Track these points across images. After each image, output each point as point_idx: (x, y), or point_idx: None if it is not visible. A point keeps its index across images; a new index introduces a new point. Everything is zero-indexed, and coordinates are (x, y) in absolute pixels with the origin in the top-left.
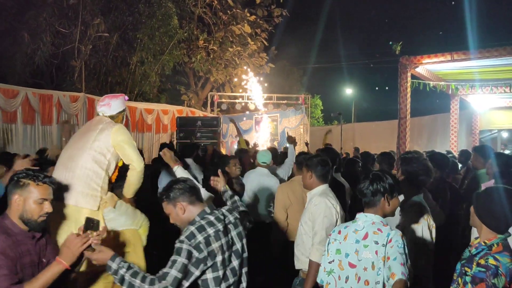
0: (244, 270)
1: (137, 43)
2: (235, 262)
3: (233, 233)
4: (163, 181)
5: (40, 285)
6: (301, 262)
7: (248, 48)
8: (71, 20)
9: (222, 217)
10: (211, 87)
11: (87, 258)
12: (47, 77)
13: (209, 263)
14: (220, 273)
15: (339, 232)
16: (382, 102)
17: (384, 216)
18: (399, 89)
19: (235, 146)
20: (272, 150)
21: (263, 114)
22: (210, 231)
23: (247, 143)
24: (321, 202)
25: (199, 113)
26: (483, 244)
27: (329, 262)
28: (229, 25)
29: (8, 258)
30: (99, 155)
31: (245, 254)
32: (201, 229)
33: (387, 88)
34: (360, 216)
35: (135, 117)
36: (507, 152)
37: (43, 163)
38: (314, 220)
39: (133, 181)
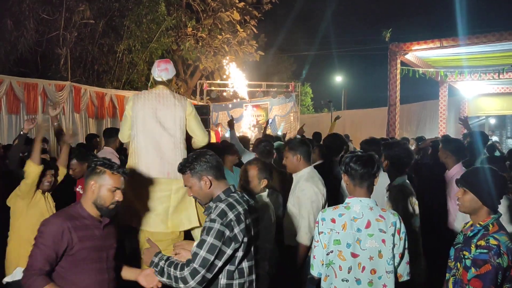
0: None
1: (124, 31)
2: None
3: (252, 216)
4: None
5: None
6: (288, 239)
7: (237, 35)
8: (55, 7)
9: (244, 198)
10: (200, 75)
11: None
12: (32, 66)
13: (239, 241)
14: (244, 252)
15: (333, 221)
16: (373, 90)
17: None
18: (388, 76)
19: (226, 135)
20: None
21: (248, 102)
22: (240, 208)
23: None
24: (307, 188)
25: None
26: (478, 225)
27: (327, 254)
28: (217, 12)
29: (54, 244)
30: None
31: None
32: (231, 206)
33: (377, 75)
34: (353, 201)
35: (123, 106)
36: (494, 138)
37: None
38: (300, 204)
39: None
